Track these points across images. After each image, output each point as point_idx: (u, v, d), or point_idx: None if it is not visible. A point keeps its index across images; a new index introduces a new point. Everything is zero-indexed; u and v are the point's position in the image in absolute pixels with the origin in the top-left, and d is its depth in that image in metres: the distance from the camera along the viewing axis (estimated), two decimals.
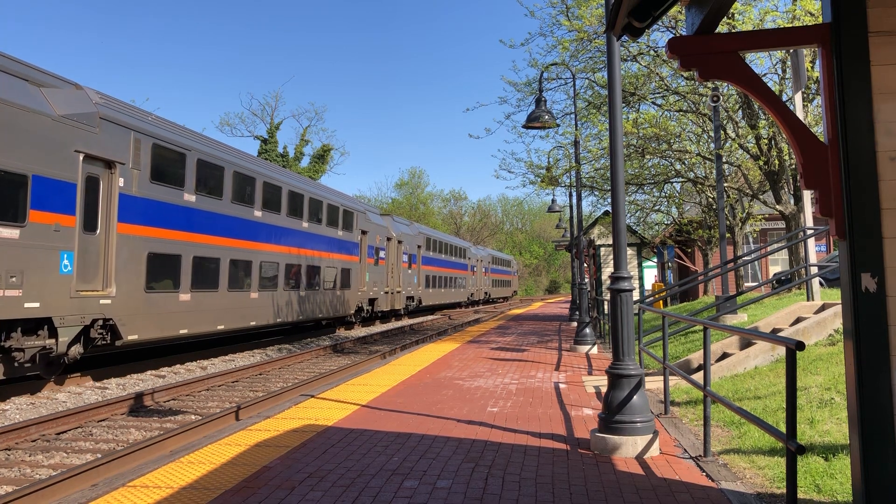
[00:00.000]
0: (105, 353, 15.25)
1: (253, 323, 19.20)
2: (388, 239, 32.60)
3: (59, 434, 9.10)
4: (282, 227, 21.16)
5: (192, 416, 10.42)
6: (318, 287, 23.71)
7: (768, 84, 5.89)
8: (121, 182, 13.67)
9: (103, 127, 13.22)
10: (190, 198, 16.25)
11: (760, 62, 13.02)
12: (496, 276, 67.60)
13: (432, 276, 42.02)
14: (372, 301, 29.96)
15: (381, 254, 31.30)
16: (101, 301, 13.12)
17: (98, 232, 13.18)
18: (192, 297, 16.14)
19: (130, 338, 13.91)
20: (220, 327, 17.48)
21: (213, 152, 17.40)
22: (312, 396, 8.66)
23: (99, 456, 7.77)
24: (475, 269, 56.67)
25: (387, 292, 32.00)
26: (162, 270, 15.03)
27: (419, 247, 38.92)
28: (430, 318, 38.89)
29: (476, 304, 58.15)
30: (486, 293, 61.77)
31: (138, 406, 10.89)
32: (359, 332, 27.59)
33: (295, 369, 15.90)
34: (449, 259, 46.83)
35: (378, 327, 30.49)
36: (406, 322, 34.09)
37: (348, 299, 26.63)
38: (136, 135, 14.17)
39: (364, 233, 28.69)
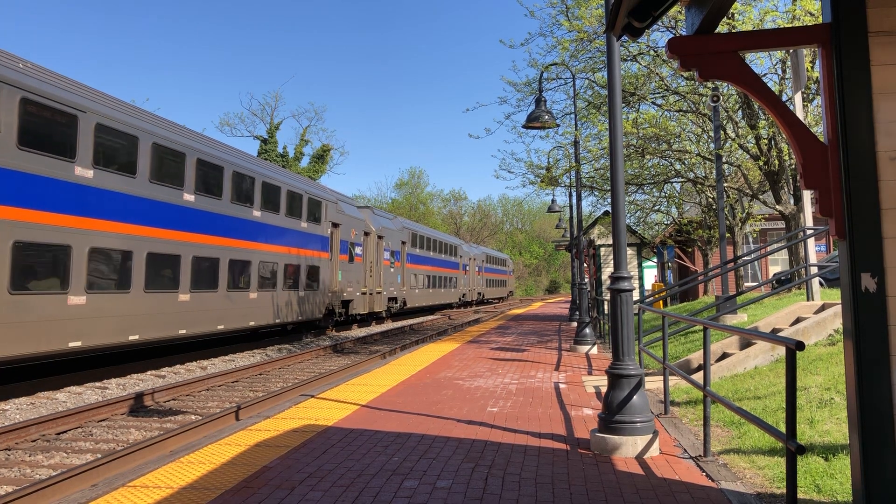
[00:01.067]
0: (105, 353, 15.18)
1: (183, 331, 15.70)
2: (367, 234, 29.49)
3: (59, 434, 9.10)
4: (225, 216, 17.59)
5: (192, 416, 10.42)
6: (274, 287, 20.26)
7: (768, 84, 5.89)
8: None
9: None
10: (85, 173, 12.79)
11: (760, 62, 13.02)
12: (491, 276, 64.49)
13: (419, 276, 38.85)
14: (346, 303, 26.89)
15: (358, 250, 28.01)
16: None
17: None
18: (88, 301, 12.78)
19: None
20: (134, 338, 14.09)
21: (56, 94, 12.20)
22: (312, 396, 8.66)
23: (99, 456, 7.77)
24: (467, 268, 53.51)
25: (364, 293, 28.84)
26: (38, 267, 11.83)
27: (403, 243, 35.86)
28: (428, 318, 38.61)
29: (468, 305, 55.35)
30: (479, 294, 58.80)
31: (138, 406, 10.89)
32: (358, 332, 27.55)
33: (295, 369, 15.90)
34: (438, 257, 43.67)
35: (378, 327, 30.37)
36: (406, 322, 33.96)
37: (316, 301, 23.44)
38: None
39: (336, 225, 25.57)
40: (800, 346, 3.51)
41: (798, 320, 10.05)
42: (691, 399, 8.15)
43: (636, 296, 22.27)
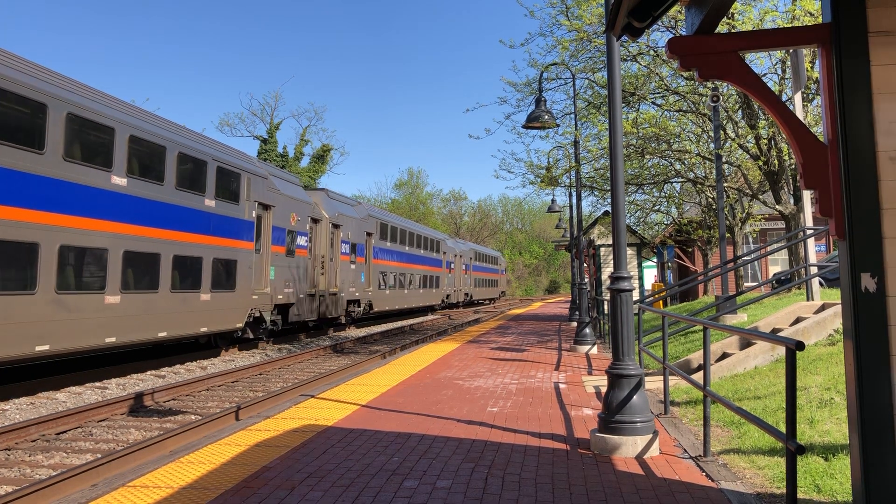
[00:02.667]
0: (105, 353, 15.16)
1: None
2: (316, 221, 24.06)
3: (59, 434, 9.10)
4: (50, 180, 11.97)
5: (192, 416, 10.42)
6: (155, 288, 14.79)
7: (768, 84, 5.89)
8: None
9: None
10: None
11: (760, 62, 13.03)
12: (480, 275, 58.61)
13: (390, 274, 32.93)
14: (285, 308, 21.47)
15: (302, 241, 22.40)
16: None
17: None
18: None
19: None
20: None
21: None
22: (312, 396, 8.66)
23: (99, 456, 7.77)
24: (452, 265, 47.67)
25: (312, 294, 23.39)
26: None
27: (369, 234, 29.80)
28: (428, 318, 38.46)
29: (454, 307, 50.07)
30: (467, 295, 52.93)
31: (138, 406, 10.89)
32: (358, 332, 27.53)
33: (295, 369, 15.90)
34: (416, 252, 37.74)
35: (378, 327, 30.30)
36: (406, 322, 33.87)
37: (230, 306, 17.71)
38: None
39: (266, 207, 19.99)
40: (800, 346, 3.51)
41: (798, 320, 10.05)
42: (691, 399, 8.15)
43: (636, 296, 22.28)
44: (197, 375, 14.39)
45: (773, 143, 14.78)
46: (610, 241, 22.37)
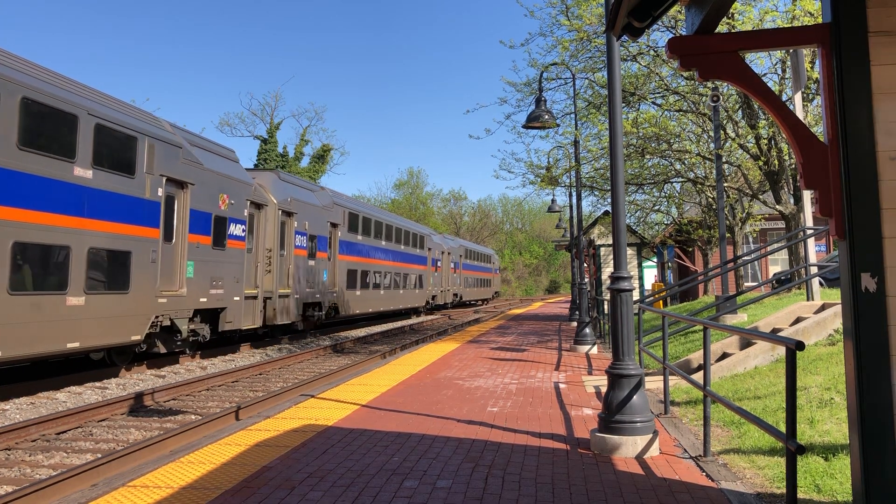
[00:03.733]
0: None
1: None
2: (260, 206, 19.48)
3: (59, 434, 9.10)
4: None
5: (192, 416, 10.42)
6: None
7: (768, 84, 5.89)
8: None
9: None
10: None
11: (760, 62, 13.03)
12: (471, 274, 54.28)
13: (362, 272, 28.40)
14: (213, 313, 16.82)
15: (237, 229, 17.71)
16: None
17: None
18: None
19: None
20: None
21: None
22: (312, 396, 8.66)
23: (99, 456, 7.77)
24: (439, 263, 42.92)
25: (254, 296, 18.86)
26: None
27: (335, 225, 25.45)
28: (428, 318, 38.41)
29: (441, 308, 46.03)
30: (456, 295, 48.38)
31: (138, 406, 10.89)
32: (358, 332, 27.54)
33: (295, 369, 15.91)
34: (394, 248, 33.54)
35: (378, 327, 30.24)
36: (407, 322, 33.83)
37: (123, 312, 13.40)
38: None
39: (182, 185, 15.28)
40: (800, 346, 3.51)
41: (798, 320, 10.05)
42: (691, 399, 8.15)
43: (636, 296, 22.29)
44: (197, 375, 14.39)
45: (773, 143, 14.79)
46: (610, 241, 22.38)
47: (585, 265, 22.89)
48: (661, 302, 26.18)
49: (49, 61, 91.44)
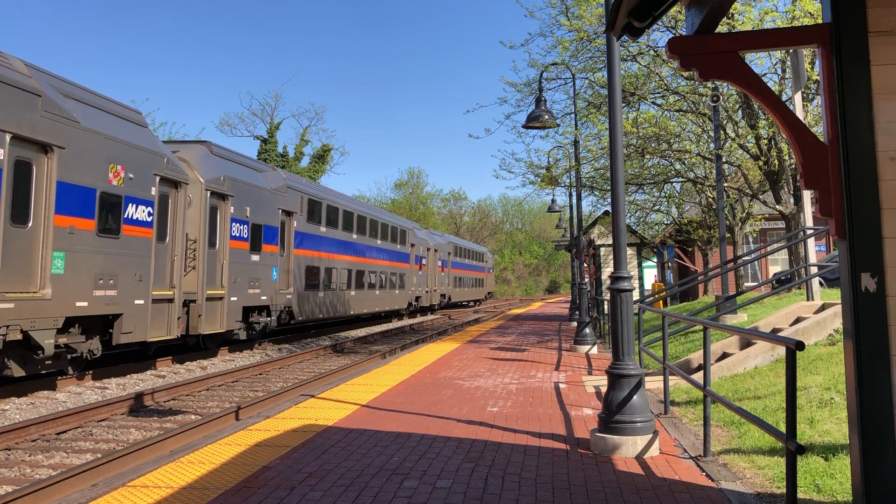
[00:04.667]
0: (104, 353, 14.99)
1: None
2: (177, 185, 15.21)
3: (59, 434, 9.10)
4: None
5: (192, 416, 10.42)
6: None
7: (768, 84, 5.89)
8: None
9: None
10: None
11: (760, 62, 13.03)
12: (461, 273, 50.14)
13: (325, 269, 24.27)
14: (102, 322, 13.15)
15: (141, 213, 13.98)
16: None
17: None
18: None
19: None
20: None
21: None
22: (312, 396, 8.66)
23: (99, 456, 7.77)
24: (424, 260, 39.02)
25: (169, 299, 14.72)
26: None
27: (289, 213, 21.33)
28: (428, 318, 38.33)
29: (427, 311, 41.89)
30: (444, 296, 44.31)
31: (138, 406, 10.89)
32: (358, 332, 27.52)
33: (295, 369, 15.91)
34: (369, 242, 29.28)
35: (378, 327, 30.18)
36: (407, 322, 33.79)
37: None
38: None
39: (46, 148, 11.50)
40: (800, 345, 3.51)
41: (798, 320, 10.05)
42: (691, 399, 8.15)
43: (636, 296, 22.30)
44: (197, 375, 14.39)
45: (773, 143, 14.79)
46: (610, 241, 22.37)
47: (585, 265, 22.88)
48: (661, 302, 26.19)
49: (49, 61, 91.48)
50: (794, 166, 14.75)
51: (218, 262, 17.31)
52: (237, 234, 18.03)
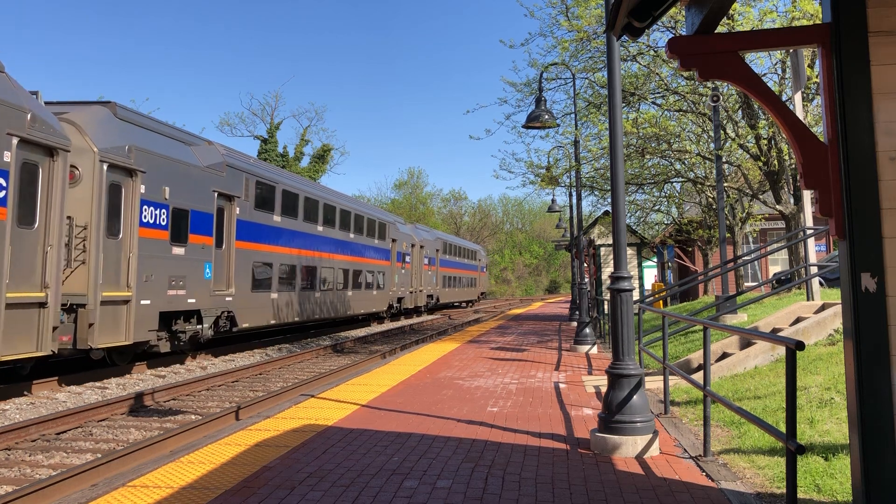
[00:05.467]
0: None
1: None
2: (53, 152, 11.29)
3: (59, 434, 9.10)
4: None
5: (192, 416, 10.42)
6: None
7: (768, 84, 5.89)
8: None
9: None
10: None
11: (760, 62, 13.04)
12: (451, 272, 46.08)
13: (280, 266, 20.65)
14: None
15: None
16: None
17: None
18: None
19: None
20: None
21: None
22: (312, 396, 8.66)
23: (99, 456, 7.77)
24: (408, 257, 35.58)
25: (41, 303, 11.00)
26: None
27: (231, 198, 17.65)
28: (428, 318, 38.31)
29: (413, 313, 38.27)
30: (431, 297, 40.60)
31: (138, 406, 10.89)
32: (358, 332, 27.52)
33: (295, 369, 15.91)
34: (338, 236, 25.59)
35: (378, 327, 30.21)
36: (407, 322, 33.78)
37: None
38: None
39: None
40: (800, 345, 3.51)
41: (798, 320, 10.05)
42: (691, 399, 8.15)
43: (636, 296, 22.29)
44: (197, 375, 14.39)
45: (773, 143, 14.79)
46: (610, 241, 22.37)
47: (585, 265, 22.88)
48: (661, 302, 26.19)
49: (49, 61, 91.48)
50: (794, 166, 14.75)
51: (123, 255, 13.61)
52: (151, 221, 14.32)
